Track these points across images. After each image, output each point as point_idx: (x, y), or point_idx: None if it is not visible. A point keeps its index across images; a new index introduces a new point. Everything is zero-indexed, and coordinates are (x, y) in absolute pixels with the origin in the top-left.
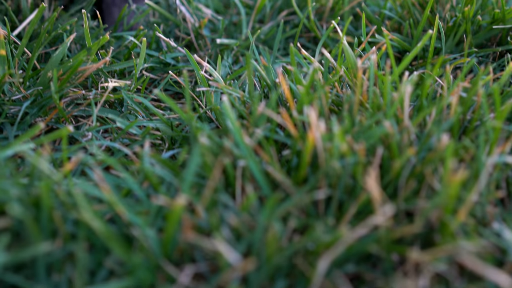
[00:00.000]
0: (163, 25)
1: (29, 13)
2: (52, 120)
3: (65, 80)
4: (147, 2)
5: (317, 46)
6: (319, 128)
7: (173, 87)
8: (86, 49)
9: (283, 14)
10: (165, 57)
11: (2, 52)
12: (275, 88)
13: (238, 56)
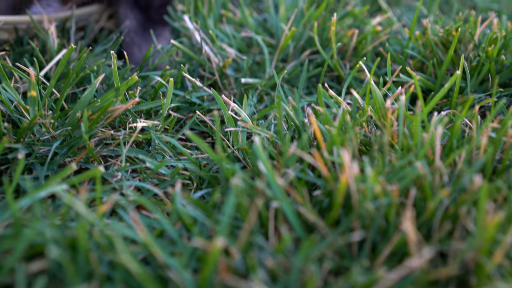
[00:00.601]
0: (187, 64)
1: (55, 54)
2: (81, 160)
3: (94, 121)
4: (173, 42)
5: (340, 85)
6: (352, 170)
7: (199, 126)
8: (114, 89)
9: (306, 53)
10: (190, 97)
11: (33, 94)
12: (304, 128)
13: (263, 95)
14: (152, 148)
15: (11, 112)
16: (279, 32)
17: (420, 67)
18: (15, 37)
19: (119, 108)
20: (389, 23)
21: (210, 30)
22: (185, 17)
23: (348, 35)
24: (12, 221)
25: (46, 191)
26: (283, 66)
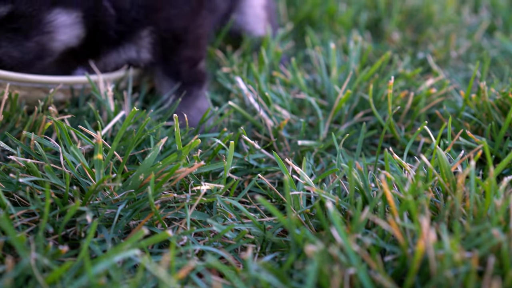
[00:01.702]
0: (241, 126)
1: (112, 115)
2: (145, 222)
3: (160, 184)
4: (231, 104)
5: (394, 146)
6: (429, 236)
7: (257, 188)
8: (177, 152)
9: (359, 115)
10: (248, 159)
11: (99, 157)
12: (369, 192)
13: (318, 157)
14: (214, 211)
15: (77, 175)
16: (331, 94)
17: (476, 130)
18: (71, 97)
19: (184, 171)
20: (441, 85)
21: (266, 93)
22: (238, 79)
23: (401, 96)
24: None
25: (121, 255)
26: (336, 127)
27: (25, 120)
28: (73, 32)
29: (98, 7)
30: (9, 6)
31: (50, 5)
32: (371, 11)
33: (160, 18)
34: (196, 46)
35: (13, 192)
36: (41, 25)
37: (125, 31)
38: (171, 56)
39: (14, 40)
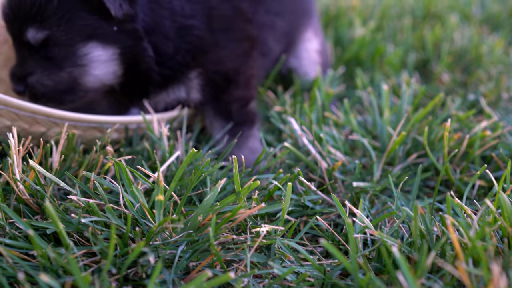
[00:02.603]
0: (293, 166)
1: (167, 154)
2: (205, 264)
3: (220, 225)
4: (286, 145)
5: (448, 188)
6: (500, 283)
7: (313, 230)
8: (235, 193)
9: (412, 157)
10: (304, 200)
11: (160, 198)
12: (431, 237)
13: (373, 199)
14: (272, 253)
15: (137, 216)
16: (384, 135)
17: None
18: (125, 137)
19: (245, 213)
20: (494, 127)
21: (321, 134)
22: (291, 119)
23: (455, 138)
24: None
25: None
26: (389, 169)
27: (81, 159)
28: (109, 68)
29: (137, 46)
30: (45, 32)
31: (85, 37)
32: (418, 52)
33: (209, 60)
34: (247, 87)
35: (73, 232)
36: (75, 56)
37: (170, 74)
38: (222, 96)
39: (48, 69)
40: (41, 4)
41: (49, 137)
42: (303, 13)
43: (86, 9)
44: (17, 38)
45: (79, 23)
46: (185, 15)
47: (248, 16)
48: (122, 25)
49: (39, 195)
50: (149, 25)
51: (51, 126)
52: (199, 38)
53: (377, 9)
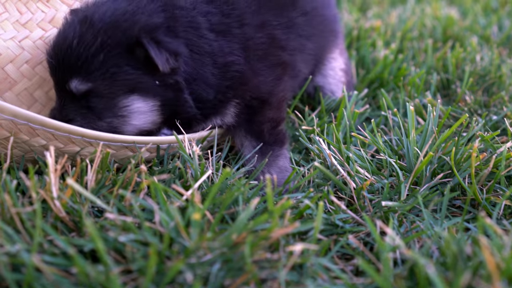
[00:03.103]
0: (321, 185)
1: (199, 173)
2: (240, 282)
3: (255, 244)
4: (316, 165)
5: (474, 208)
6: None
7: (344, 248)
8: (268, 212)
9: (438, 176)
10: (334, 219)
11: (197, 217)
12: (462, 256)
13: (402, 218)
14: (305, 271)
15: (173, 234)
16: (410, 155)
17: None
18: (156, 156)
19: (280, 231)
20: None
21: (351, 154)
22: (319, 139)
23: (480, 158)
24: None
25: None
26: (415, 188)
27: (115, 177)
28: (148, 118)
29: (178, 98)
30: (89, 85)
31: (127, 90)
32: (440, 73)
33: (247, 89)
34: (278, 108)
35: (109, 249)
36: (116, 108)
37: (210, 112)
38: (255, 116)
39: (87, 118)
40: (87, 57)
41: (83, 156)
42: (330, 34)
43: (130, 64)
44: (59, 84)
45: (123, 77)
46: (224, 53)
47: (281, 43)
48: (164, 79)
49: (75, 213)
50: (190, 75)
51: (85, 146)
52: (238, 72)
53: (398, 31)
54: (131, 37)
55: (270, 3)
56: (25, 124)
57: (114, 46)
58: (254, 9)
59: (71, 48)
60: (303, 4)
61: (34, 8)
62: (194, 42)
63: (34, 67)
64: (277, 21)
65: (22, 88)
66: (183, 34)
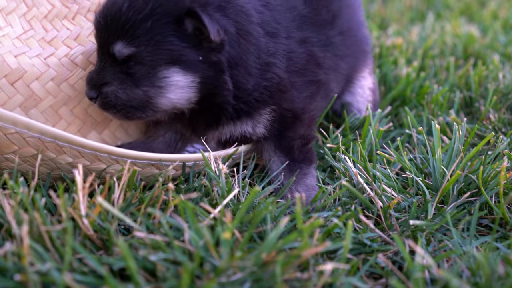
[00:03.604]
0: (348, 204)
1: (226, 191)
2: None
3: (285, 263)
4: (344, 183)
5: (501, 227)
6: None
7: (373, 268)
8: (298, 231)
9: (465, 195)
10: (361, 238)
11: (227, 236)
12: (494, 276)
13: (429, 237)
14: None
15: (203, 253)
16: (437, 174)
17: None
18: (182, 173)
19: (310, 251)
20: None
21: (378, 173)
22: (344, 157)
23: (507, 177)
24: None
25: None
26: (442, 206)
27: (141, 195)
28: (184, 94)
29: (218, 78)
30: (132, 49)
31: (169, 61)
32: (462, 91)
33: (284, 99)
34: (309, 126)
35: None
36: (155, 78)
37: (244, 109)
38: (286, 131)
39: (125, 83)
40: (135, 21)
41: (109, 174)
42: (361, 54)
43: (177, 35)
44: (102, 47)
45: (167, 47)
46: (269, 53)
47: (319, 60)
48: (208, 55)
49: (103, 231)
50: (233, 58)
51: (111, 163)
52: (278, 76)
53: (419, 48)
54: (182, 7)
55: (311, 20)
56: (52, 142)
57: (164, 14)
58: (297, 24)
59: (120, 11)
60: (341, 23)
61: (60, 25)
62: (243, 27)
63: (59, 85)
64: (317, 38)
65: (47, 106)
66: (233, 16)
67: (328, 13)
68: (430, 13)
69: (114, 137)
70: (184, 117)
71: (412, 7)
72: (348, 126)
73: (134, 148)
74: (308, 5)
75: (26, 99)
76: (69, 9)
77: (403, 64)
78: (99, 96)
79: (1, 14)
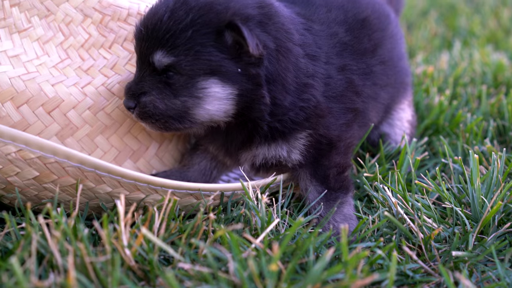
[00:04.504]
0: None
1: (265, 221)
2: None
3: None
4: (386, 214)
5: None
6: None
7: None
8: (342, 263)
9: (506, 226)
10: (404, 269)
11: (273, 268)
12: None
13: (472, 269)
14: None
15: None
16: (476, 204)
17: None
18: (219, 203)
19: (358, 283)
20: None
21: (419, 203)
22: (383, 187)
23: None
24: None
25: None
26: (481, 237)
27: (181, 225)
28: (222, 106)
29: (255, 92)
30: (172, 58)
31: (208, 72)
32: (496, 119)
33: (320, 124)
34: (346, 154)
35: None
36: (193, 88)
37: (278, 129)
38: (322, 159)
39: (163, 93)
40: (175, 31)
41: (147, 203)
42: (401, 85)
43: (216, 46)
44: (142, 56)
45: (206, 58)
46: (307, 74)
47: (357, 88)
48: (246, 68)
49: (145, 262)
50: (271, 74)
51: (150, 193)
52: (315, 99)
53: (449, 76)
54: (223, 19)
55: (352, 48)
56: (92, 172)
57: (204, 25)
58: (338, 50)
59: (161, 21)
60: (382, 53)
61: (96, 54)
62: (283, 44)
63: (96, 113)
64: (357, 66)
65: (83, 134)
66: (274, 33)
67: (369, 42)
68: (457, 41)
69: (149, 166)
70: (219, 135)
71: (438, 34)
72: (383, 155)
73: (169, 177)
74: (350, 33)
75: (63, 128)
76: (106, 38)
77: (435, 93)
78: (137, 106)
79: (38, 43)
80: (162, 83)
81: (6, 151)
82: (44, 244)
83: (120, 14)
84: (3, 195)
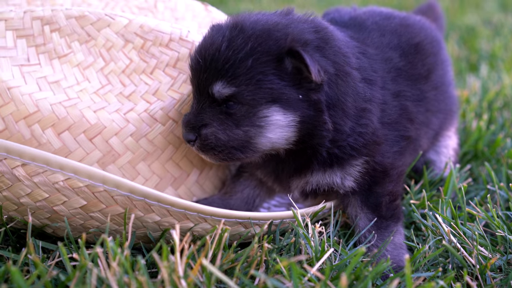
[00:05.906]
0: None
1: (319, 250)
2: None
3: None
4: (445, 244)
5: None
6: None
7: None
8: None
9: None
10: None
11: None
12: None
13: None
14: None
15: None
16: None
17: None
18: (268, 231)
19: None
20: None
21: (477, 232)
22: (435, 215)
23: None
24: None
25: None
26: None
27: (232, 254)
28: (284, 134)
29: (317, 118)
30: (233, 89)
31: (270, 100)
32: None
33: (377, 150)
34: (398, 182)
35: None
36: (255, 117)
37: (337, 155)
38: (375, 187)
39: (224, 124)
40: (235, 61)
41: (196, 232)
42: (449, 112)
43: (277, 74)
44: (200, 88)
45: (268, 86)
46: (365, 98)
47: (411, 115)
48: (307, 94)
49: None
50: (331, 99)
51: (199, 222)
52: (373, 124)
53: (482, 100)
54: (282, 46)
55: (407, 74)
56: (141, 200)
57: (264, 53)
58: (392, 76)
59: (219, 51)
60: (435, 78)
61: (138, 80)
62: (341, 68)
63: (138, 140)
64: (411, 92)
65: (125, 161)
66: (332, 57)
67: (423, 67)
68: (483, 64)
69: (189, 193)
70: (269, 162)
71: (460, 57)
72: (427, 182)
73: (211, 204)
74: (404, 58)
75: (104, 155)
76: (147, 64)
77: (472, 118)
78: (198, 139)
79: (79, 68)
80: (223, 113)
81: (54, 179)
82: (101, 277)
83: (162, 39)
84: (47, 224)
